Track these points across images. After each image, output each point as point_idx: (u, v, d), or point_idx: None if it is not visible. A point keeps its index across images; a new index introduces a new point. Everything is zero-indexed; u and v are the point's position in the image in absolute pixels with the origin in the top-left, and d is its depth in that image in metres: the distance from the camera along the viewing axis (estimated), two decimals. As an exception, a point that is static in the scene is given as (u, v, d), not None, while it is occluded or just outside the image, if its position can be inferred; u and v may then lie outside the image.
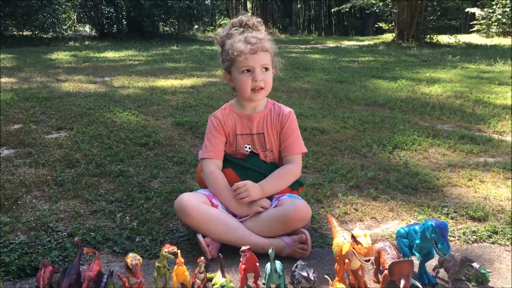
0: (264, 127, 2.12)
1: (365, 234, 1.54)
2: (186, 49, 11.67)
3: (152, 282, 1.68)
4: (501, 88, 6.17)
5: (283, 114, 2.14)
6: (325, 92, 5.65)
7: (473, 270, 1.70)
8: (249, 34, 2.04)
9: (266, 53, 2.03)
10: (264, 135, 2.12)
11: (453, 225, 2.23)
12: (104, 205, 2.39)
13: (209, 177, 2.06)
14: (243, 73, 2.02)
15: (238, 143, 2.12)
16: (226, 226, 1.92)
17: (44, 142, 3.40)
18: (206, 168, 2.08)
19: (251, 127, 2.12)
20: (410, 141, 3.57)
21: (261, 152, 2.12)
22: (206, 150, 2.11)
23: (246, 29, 2.08)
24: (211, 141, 2.11)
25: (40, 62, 8.47)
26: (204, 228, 1.91)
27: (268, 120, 2.13)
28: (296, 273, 1.64)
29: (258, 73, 2.01)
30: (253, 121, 2.12)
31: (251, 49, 1.99)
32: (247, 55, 1.99)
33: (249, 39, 2.01)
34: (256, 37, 2.03)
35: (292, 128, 2.14)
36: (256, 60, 2.00)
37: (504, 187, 2.74)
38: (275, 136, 2.13)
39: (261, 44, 2.02)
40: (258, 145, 2.12)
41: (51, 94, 5.19)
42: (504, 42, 15.17)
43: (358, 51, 11.90)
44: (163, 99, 5.11)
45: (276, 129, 2.13)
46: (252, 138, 2.12)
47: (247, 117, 2.13)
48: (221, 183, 2.05)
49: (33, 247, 1.95)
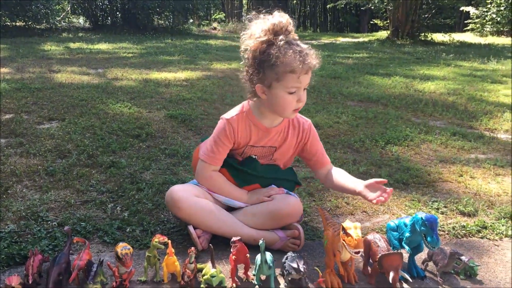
0: (279, 141, 2.00)
1: (355, 226, 1.55)
2: (181, 43, 11.62)
3: (142, 272, 1.68)
4: (494, 86, 6.21)
5: (303, 128, 2.02)
6: (319, 87, 5.65)
7: (462, 264, 1.71)
8: (299, 47, 1.78)
9: (309, 72, 1.81)
10: (276, 148, 2.01)
11: (443, 220, 2.24)
12: (95, 195, 2.38)
13: (207, 181, 1.99)
14: (287, 94, 1.80)
15: (245, 152, 2.01)
16: (217, 217, 1.91)
17: (35, 132, 3.38)
18: (205, 173, 1.98)
19: (266, 140, 1.98)
20: (403, 137, 3.59)
21: (264, 161, 2.04)
22: (211, 155, 1.95)
23: (287, 36, 1.80)
24: (218, 148, 1.94)
25: (33, 53, 8.40)
26: (195, 220, 1.90)
27: (285, 134, 2.00)
28: (286, 264, 1.64)
29: (303, 94, 1.83)
30: (269, 134, 1.97)
31: (305, 68, 1.76)
32: (300, 75, 1.77)
33: (302, 55, 1.75)
34: (304, 51, 1.77)
35: (316, 141, 2.06)
36: (306, 80, 1.81)
37: (494, 183, 2.76)
38: (289, 150, 2.04)
39: (311, 61, 1.78)
40: (265, 155, 2.03)
41: (44, 84, 5.16)
42: (498, 41, 15.24)
43: (352, 48, 11.90)
44: (157, 91, 5.09)
45: (293, 143, 2.02)
46: (262, 150, 2.00)
47: (265, 129, 1.95)
48: (221, 183, 1.99)
49: (22, 236, 1.94)
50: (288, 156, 2.07)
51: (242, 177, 2.01)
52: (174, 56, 8.50)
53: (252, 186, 2.02)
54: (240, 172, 2.01)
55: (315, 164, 2.07)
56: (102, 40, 11.30)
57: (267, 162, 2.05)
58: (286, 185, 2.06)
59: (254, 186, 2.03)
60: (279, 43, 1.76)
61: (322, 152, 2.07)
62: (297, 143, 2.04)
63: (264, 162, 2.04)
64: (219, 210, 1.95)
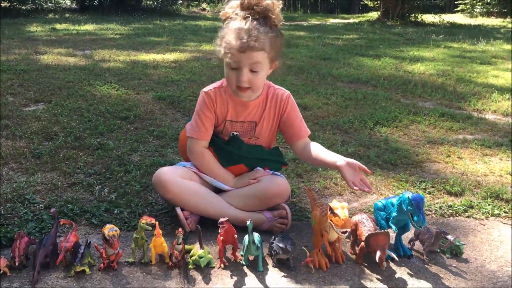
0: (258, 116, 1.99)
1: (342, 206, 1.55)
2: (169, 24, 11.48)
3: (130, 253, 1.67)
4: (483, 67, 6.23)
5: (281, 99, 1.99)
6: (309, 68, 5.63)
7: (448, 242, 1.73)
8: (247, 26, 1.77)
9: (259, 52, 1.78)
10: (256, 123, 2.00)
11: (430, 200, 2.26)
12: (82, 177, 2.36)
13: (199, 158, 1.99)
14: (231, 68, 1.84)
15: (226, 128, 2.00)
16: (204, 199, 1.91)
17: (21, 114, 3.33)
18: (195, 148, 1.98)
19: (244, 114, 1.98)
20: (391, 118, 3.60)
21: (247, 138, 2.02)
22: (197, 129, 1.96)
23: (251, 14, 1.79)
24: (202, 121, 1.95)
25: (18, 34, 8.25)
26: (182, 202, 1.89)
27: (264, 107, 1.99)
28: (274, 244, 1.65)
29: (243, 73, 1.81)
30: (247, 108, 1.97)
31: (239, 46, 1.76)
32: (234, 52, 1.78)
33: (241, 33, 1.76)
34: (250, 30, 1.76)
35: (294, 113, 2.02)
36: (243, 60, 1.78)
37: (481, 163, 2.78)
38: (269, 123, 2.01)
39: (254, 42, 1.76)
40: (246, 131, 2.01)
41: (30, 66, 5.08)
42: (488, 22, 15.26)
43: (343, 29, 11.84)
44: (145, 73, 5.04)
45: (271, 116, 2.00)
46: (242, 125, 1.99)
47: (242, 103, 1.96)
48: (212, 163, 1.99)
49: (9, 219, 1.92)
50: (270, 131, 2.04)
51: (227, 157, 2.00)
52: (163, 37, 8.40)
53: (237, 166, 2.02)
54: (224, 151, 2.00)
55: (292, 137, 2.02)
56: (89, 21, 11.14)
57: (251, 140, 2.03)
58: (271, 166, 2.06)
59: (238, 167, 2.02)
60: (235, 16, 1.81)
61: (299, 124, 2.02)
62: (276, 116, 2.01)
63: (248, 141, 2.02)
64: (207, 191, 1.94)
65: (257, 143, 2.05)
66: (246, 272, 1.62)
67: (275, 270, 1.63)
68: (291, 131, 2.02)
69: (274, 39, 1.82)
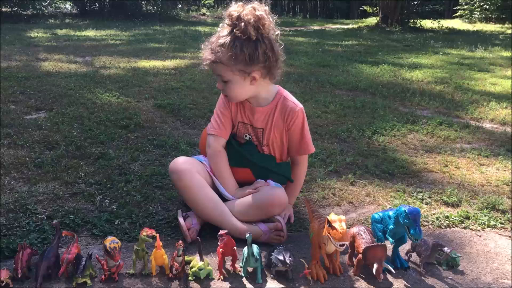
0: (265, 123, 2.04)
1: (340, 219, 1.58)
2: (169, 29, 11.53)
3: (131, 265, 1.70)
4: (481, 74, 6.27)
5: (289, 112, 2.01)
6: (308, 76, 5.66)
7: (444, 255, 1.76)
8: (216, 40, 1.89)
9: (219, 65, 1.89)
10: (264, 130, 2.05)
11: (427, 210, 2.29)
12: (83, 187, 2.39)
13: (215, 156, 2.05)
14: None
15: (239, 129, 2.08)
16: (211, 200, 1.94)
17: (23, 122, 3.36)
18: (213, 145, 2.05)
19: (252, 120, 2.05)
20: (390, 127, 3.63)
21: (258, 144, 2.08)
22: (216, 126, 2.05)
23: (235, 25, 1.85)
24: (220, 118, 2.05)
25: (19, 40, 8.30)
26: (190, 194, 1.95)
27: (271, 116, 2.03)
28: (272, 256, 1.68)
29: (217, 81, 1.97)
30: (254, 114, 2.04)
31: (204, 58, 1.94)
32: (205, 62, 1.94)
33: (211, 44, 1.91)
34: (214, 44, 1.89)
35: (300, 128, 2.04)
36: (215, 70, 1.93)
37: (478, 173, 2.81)
38: (276, 134, 2.05)
39: (213, 55, 1.89)
40: (256, 138, 2.08)
41: (31, 73, 5.11)
42: (486, 28, 15.33)
43: (342, 35, 11.91)
44: (145, 80, 5.07)
45: (280, 127, 2.04)
46: (252, 129, 2.06)
47: (250, 108, 2.04)
48: (223, 166, 2.04)
49: (11, 229, 1.95)
50: (280, 142, 2.08)
51: (237, 158, 2.06)
52: (163, 44, 8.45)
53: (243, 169, 2.07)
54: (237, 152, 2.06)
55: (290, 149, 2.12)
56: (90, 27, 11.19)
57: (261, 147, 2.08)
58: (276, 179, 2.10)
59: (244, 170, 2.07)
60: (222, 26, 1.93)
61: (301, 142, 2.07)
62: (284, 128, 2.05)
63: (259, 148, 2.08)
64: (214, 194, 1.98)
65: (268, 151, 2.09)
66: (245, 284, 1.64)
67: (273, 282, 1.66)
68: (294, 145, 2.09)
69: (236, 52, 1.84)
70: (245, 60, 1.86)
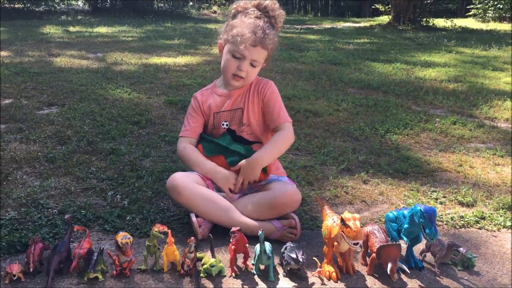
0: (242, 102, 2.13)
1: (354, 217, 1.55)
2: (180, 27, 11.53)
3: (142, 260, 1.69)
4: (495, 73, 6.18)
5: (261, 85, 2.14)
6: (320, 74, 5.63)
7: (460, 255, 1.73)
8: (261, 24, 2.00)
9: (264, 51, 2.03)
10: (242, 109, 2.13)
11: (442, 210, 2.25)
12: (95, 183, 2.39)
13: (183, 153, 2.11)
14: (233, 56, 2.03)
15: (216, 121, 2.15)
16: (216, 206, 1.92)
17: (35, 118, 3.37)
18: (179, 145, 2.13)
19: (230, 103, 2.14)
20: (402, 125, 3.59)
21: (237, 127, 2.13)
22: (184, 129, 2.16)
23: (264, 16, 2.04)
24: (189, 121, 2.16)
25: (32, 36, 8.34)
26: (195, 207, 1.91)
27: (247, 94, 2.14)
28: (285, 254, 1.66)
29: (244, 65, 2.02)
30: (232, 96, 2.14)
31: (253, 41, 1.98)
32: (246, 45, 1.98)
33: (257, 29, 1.98)
34: (265, 30, 2.00)
35: (274, 99, 2.13)
36: (251, 53, 2.01)
37: (493, 173, 2.76)
38: (255, 109, 2.13)
39: (265, 41, 2.00)
40: (235, 120, 2.13)
41: (43, 69, 5.14)
42: (500, 27, 15.14)
43: (353, 33, 11.82)
44: (156, 77, 5.08)
45: (256, 102, 2.13)
46: (229, 114, 2.14)
47: (227, 94, 2.15)
48: (196, 156, 2.07)
49: (23, 224, 1.95)
50: (258, 118, 2.14)
51: (210, 147, 2.09)
52: (174, 40, 8.45)
53: (218, 157, 2.07)
54: (210, 143, 2.10)
55: (270, 123, 2.13)
56: (102, 24, 11.23)
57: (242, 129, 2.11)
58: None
59: (219, 157, 2.07)
60: (250, 12, 2.04)
61: (278, 112, 2.11)
62: (260, 102, 2.14)
63: (239, 130, 2.12)
64: (219, 198, 1.96)
65: (248, 130, 2.12)
66: (257, 282, 1.63)
67: (286, 280, 1.64)
68: (270, 117, 2.12)
69: (276, 44, 2.08)
70: (276, 48, 2.10)
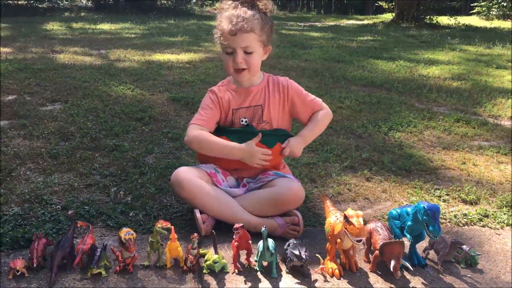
0: (262, 99, 2.07)
1: (358, 214, 1.55)
2: (183, 24, 11.53)
3: (145, 256, 1.69)
4: (499, 71, 6.16)
5: (282, 83, 2.10)
6: (323, 71, 5.62)
7: (463, 253, 1.73)
8: (235, 12, 1.94)
9: (249, 34, 1.93)
10: (262, 106, 2.07)
11: (445, 208, 2.25)
12: (98, 179, 2.39)
13: (200, 136, 1.97)
14: (225, 54, 1.99)
15: (234, 117, 2.06)
16: (220, 202, 1.92)
17: (38, 114, 3.38)
18: (192, 131, 1.98)
19: (249, 99, 2.07)
20: (406, 123, 3.58)
21: (257, 124, 2.07)
22: (197, 117, 2.04)
23: (241, 4, 1.97)
24: (204, 111, 2.05)
25: (35, 32, 8.36)
26: (198, 203, 1.91)
27: (267, 91, 2.09)
28: (288, 251, 1.66)
29: (238, 55, 1.94)
30: (250, 93, 2.07)
31: (230, 30, 1.91)
32: (227, 36, 1.93)
33: (232, 17, 1.92)
34: (240, 15, 1.92)
35: (299, 92, 2.11)
36: (236, 42, 1.93)
37: (496, 171, 2.76)
38: (276, 108, 2.08)
39: (243, 24, 1.91)
40: (255, 117, 2.07)
41: (46, 65, 5.14)
42: (504, 25, 15.08)
43: (357, 31, 11.80)
44: (159, 73, 5.08)
45: (277, 100, 2.08)
46: (248, 110, 2.06)
47: (245, 91, 2.08)
48: (217, 138, 1.98)
49: (27, 219, 1.95)
50: (279, 117, 2.10)
51: (239, 136, 2.00)
52: (177, 37, 8.44)
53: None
54: (235, 133, 2.03)
55: (305, 114, 2.12)
56: (105, 20, 11.24)
57: (260, 125, 2.07)
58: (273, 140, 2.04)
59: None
60: (226, 7, 1.99)
61: (311, 100, 2.12)
62: (281, 100, 2.09)
63: (258, 126, 2.07)
64: (222, 194, 1.96)
65: (267, 127, 2.07)
66: (260, 278, 1.63)
67: (288, 276, 1.64)
68: (305, 109, 2.11)
69: (263, 23, 1.97)
70: (270, 31, 2.01)
